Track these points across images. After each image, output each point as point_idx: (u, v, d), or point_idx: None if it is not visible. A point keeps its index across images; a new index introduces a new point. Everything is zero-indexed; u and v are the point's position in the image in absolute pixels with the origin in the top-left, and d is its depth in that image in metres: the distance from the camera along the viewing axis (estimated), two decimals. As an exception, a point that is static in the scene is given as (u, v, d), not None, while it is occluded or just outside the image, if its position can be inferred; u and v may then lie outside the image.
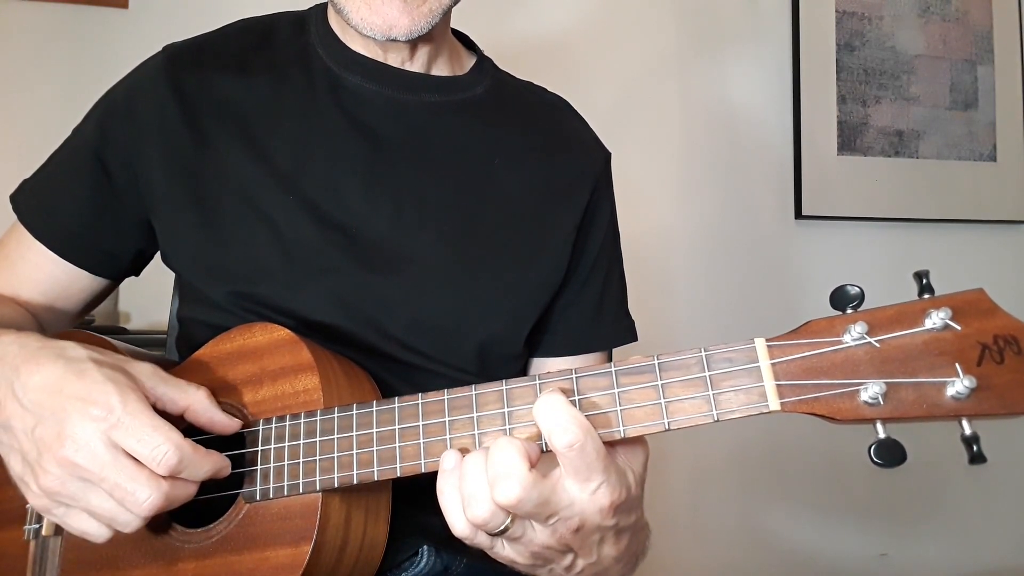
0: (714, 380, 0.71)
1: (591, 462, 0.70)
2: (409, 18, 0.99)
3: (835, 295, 0.69)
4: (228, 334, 0.97)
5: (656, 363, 0.73)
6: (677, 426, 0.71)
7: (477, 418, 0.78)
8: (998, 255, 2.74)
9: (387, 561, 0.97)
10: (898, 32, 2.68)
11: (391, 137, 1.07)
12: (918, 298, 0.68)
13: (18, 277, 1.14)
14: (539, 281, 1.11)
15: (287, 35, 1.14)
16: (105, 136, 1.10)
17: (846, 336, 0.67)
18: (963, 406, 0.64)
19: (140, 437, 0.79)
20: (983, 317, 0.66)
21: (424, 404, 0.81)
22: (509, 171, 1.12)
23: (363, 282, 1.03)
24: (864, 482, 2.56)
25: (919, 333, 0.66)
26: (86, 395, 0.80)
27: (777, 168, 2.61)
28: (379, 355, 1.03)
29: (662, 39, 2.54)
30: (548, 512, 0.71)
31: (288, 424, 0.88)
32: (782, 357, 0.69)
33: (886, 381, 0.65)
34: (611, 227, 1.21)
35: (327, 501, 0.85)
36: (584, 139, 1.23)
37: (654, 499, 2.45)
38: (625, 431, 0.73)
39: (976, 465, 0.65)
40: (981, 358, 0.64)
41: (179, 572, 0.88)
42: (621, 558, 0.82)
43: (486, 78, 1.18)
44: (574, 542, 0.75)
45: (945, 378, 0.64)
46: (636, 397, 0.73)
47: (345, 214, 1.04)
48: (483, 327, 1.06)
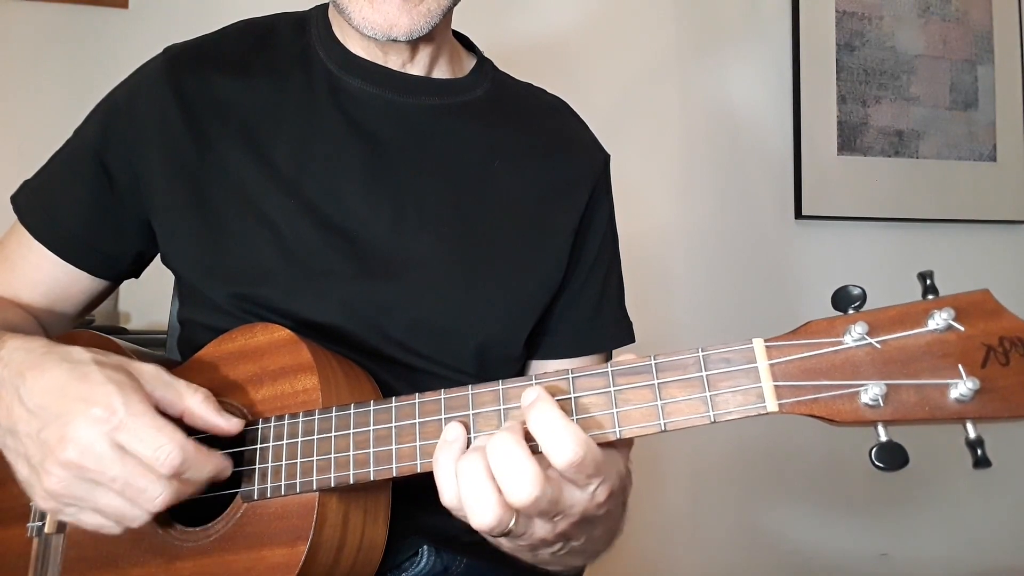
0: (711, 381, 0.69)
1: (590, 472, 0.70)
2: (408, 17, 0.98)
3: (837, 296, 0.68)
4: (230, 334, 0.97)
5: (653, 363, 0.72)
6: (674, 427, 0.70)
7: (473, 418, 0.77)
8: (998, 255, 2.73)
9: (387, 561, 0.97)
10: (898, 32, 2.66)
11: (391, 140, 1.07)
12: (922, 299, 0.66)
13: (18, 278, 1.13)
14: (538, 283, 1.10)
15: (288, 36, 1.13)
16: (106, 138, 1.09)
17: (847, 337, 0.65)
18: (967, 409, 0.62)
19: (143, 438, 0.79)
20: (988, 318, 0.64)
21: (421, 404, 0.80)
22: (508, 173, 1.12)
23: (363, 285, 1.02)
24: (864, 482, 2.55)
25: (922, 334, 0.64)
26: (88, 397, 0.80)
27: (777, 168, 2.60)
28: (379, 357, 1.03)
29: (662, 39, 2.54)
30: (555, 511, 0.71)
31: (286, 424, 0.88)
32: (781, 358, 0.67)
33: (887, 383, 0.63)
34: (610, 228, 1.21)
35: (324, 501, 0.84)
36: (583, 141, 1.23)
37: (654, 499, 2.46)
38: (621, 432, 0.72)
39: (981, 469, 0.63)
40: (986, 360, 0.63)
41: (178, 570, 0.88)
42: (602, 537, 0.85)
43: (486, 80, 1.18)
44: (571, 532, 0.76)
45: (948, 380, 0.63)
46: (632, 398, 0.72)
47: (345, 217, 1.04)
48: (482, 329, 1.06)
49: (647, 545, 2.38)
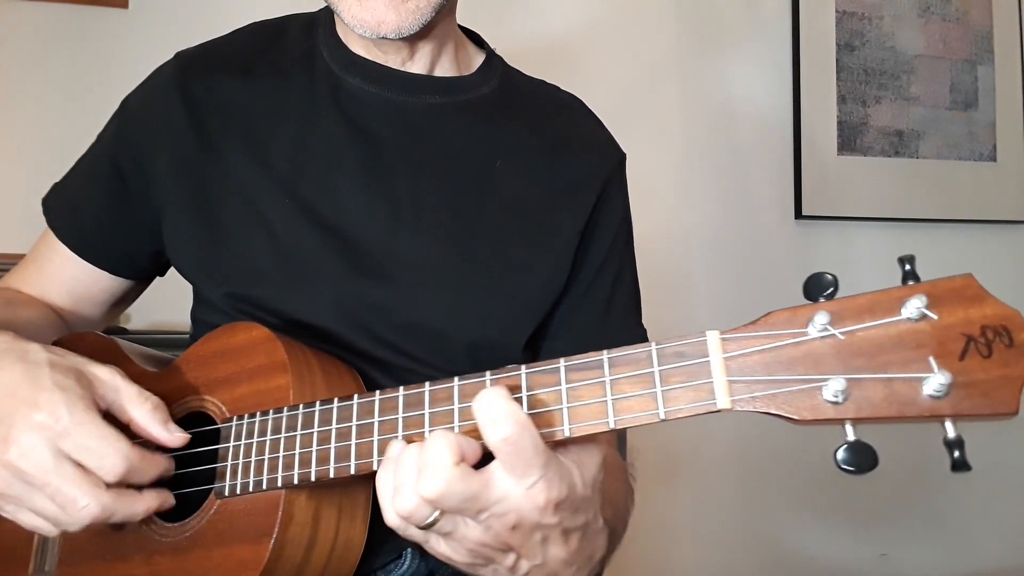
0: (663, 376, 0.62)
1: (528, 458, 0.64)
2: (396, 14, 0.94)
3: (808, 283, 0.60)
4: (214, 333, 0.96)
5: (606, 358, 0.65)
6: (622, 425, 0.63)
7: (429, 415, 0.74)
8: (998, 255, 2.68)
9: (369, 563, 0.96)
10: (898, 32, 2.62)
11: (389, 140, 1.04)
12: (901, 285, 0.58)
13: (46, 278, 1.17)
14: (538, 286, 1.05)
15: (295, 37, 1.11)
16: (120, 141, 1.11)
17: (810, 328, 0.57)
18: (941, 405, 0.53)
19: (88, 446, 0.80)
20: (970, 305, 0.55)
21: (381, 401, 0.77)
22: (511, 173, 1.07)
23: (355, 286, 1.00)
24: (864, 482, 2.44)
25: (894, 323, 0.56)
26: (35, 401, 0.80)
27: (777, 168, 2.55)
28: (371, 358, 1.00)
29: (662, 39, 2.49)
30: (477, 507, 0.66)
31: (257, 421, 0.87)
32: (737, 351, 0.59)
33: (848, 377, 0.54)
34: (621, 231, 1.15)
35: (290, 498, 0.83)
36: (595, 139, 1.17)
37: (655, 499, 2.39)
38: (570, 430, 0.65)
39: (959, 472, 0.54)
40: (965, 351, 0.54)
41: (157, 564, 0.89)
42: (572, 561, 0.75)
43: (494, 77, 1.13)
44: (513, 540, 0.69)
45: (920, 374, 0.54)
46: (584, 394, 0.65)
47: (340, 217, 1.01)
48: (474, 330, 1.02)
49: (647, 545, 2.34)
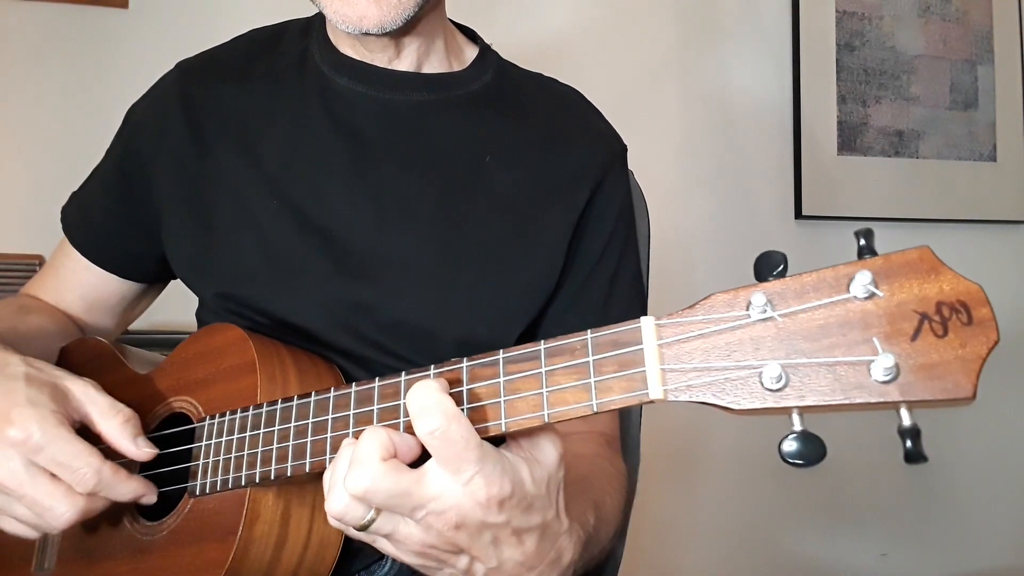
0: (597, 366, 0.59)
1: (459, 451, 0.62)
2: (377, 9, 0.93)
3: (757, 262, 0.56)
4: (195, 335, 0.98)
5: (543, 348, 0.63)
6: (556, 418, 0.60)
7: (378, 411, 0.72)
8: (998, 255, 2.65)
9: (352, 564, 0.97)
10: (898, 32, 2.59)
11: (377, 139, 1.03)
12: (857, 260, 0.54)
13: (60, 284, 1.19)
14: (529, 282, 1.03)
15: (291, 41, 1.12)
16: (126, 148, 1.14)
17: (752, 310, 0.53)
18: (889, 390, 0.49)
19: (59, 461, 0.81)
20: (924, 280, 0.51)
21: (335, 398, 0.76)
22: (501, 169, 1.05)
23: (340, 285, 1.00)
24: (864, 482, 2.48)
25: (839, 302, 0.51)
26: (8, 416, 0.81)
27: (777, 168, 2.53)
28: (357, 358, 1.00)
29: (662, 39, 2.47)
30: (411, 504, 0.64)
31: (226, 420, 0.87)
32: (673, 337, 0.55)
33: (784, 362, 0.50)
34: (620, 226, 1.11)
35: (256, 497, 0.83)
36: (593, 131, 1.14)
37: (654, 499, 2.36)
38: (506, 424, 0.62)
39: (913, 464, 0.50)
40: (918, 330, 0.49)
41: (139, 562, 0.90)
42: (532, 564, 0.71)
43: (487, 72, 1.11)
44: (460, 540, 0.66)
45: (867, 356, 0.50)
46: (521, 387, 0.63)
47: (327, 217, 1.01)
48: (463, 328, 1.00)
49: (647, 545, 2.32)
